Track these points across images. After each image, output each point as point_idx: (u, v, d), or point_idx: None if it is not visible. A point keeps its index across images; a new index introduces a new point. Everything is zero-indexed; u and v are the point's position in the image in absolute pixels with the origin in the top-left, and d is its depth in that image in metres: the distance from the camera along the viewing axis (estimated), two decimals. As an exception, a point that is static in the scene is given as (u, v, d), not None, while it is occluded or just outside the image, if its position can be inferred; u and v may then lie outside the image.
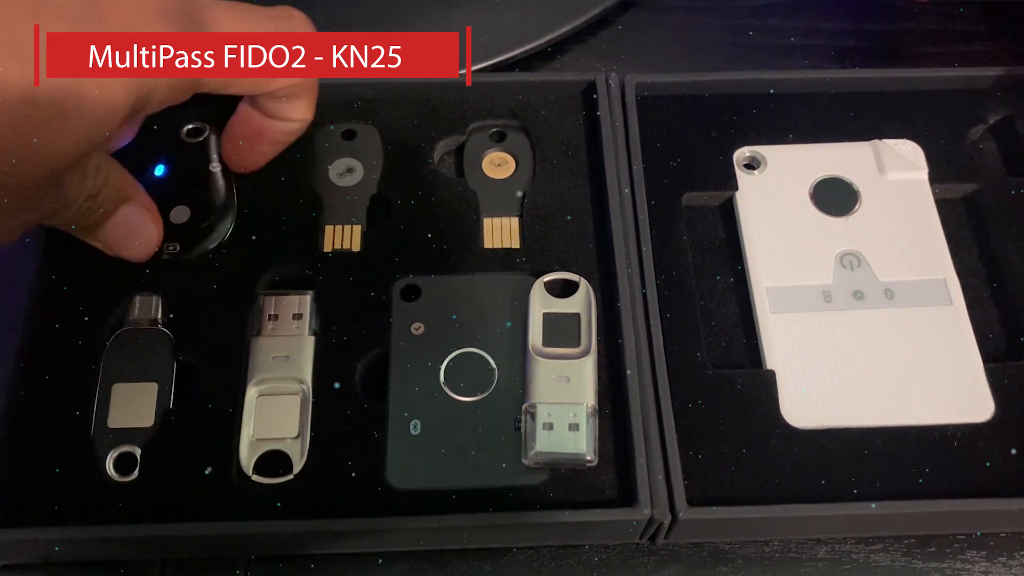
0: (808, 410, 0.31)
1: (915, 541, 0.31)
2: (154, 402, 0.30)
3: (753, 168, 0.36)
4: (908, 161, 0.36)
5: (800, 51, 0.43)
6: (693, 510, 0.28)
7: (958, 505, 0.29)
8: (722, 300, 0.34)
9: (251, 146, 0.34)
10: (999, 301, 0.34)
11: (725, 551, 0.31)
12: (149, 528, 0.28)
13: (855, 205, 0.35)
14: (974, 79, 0.38)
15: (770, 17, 0.44)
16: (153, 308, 0.32)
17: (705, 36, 0.44)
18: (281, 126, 0.33)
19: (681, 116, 0.37)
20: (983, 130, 0.37)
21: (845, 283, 0.33)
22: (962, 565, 0.31)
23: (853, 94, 0.38)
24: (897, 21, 0.44)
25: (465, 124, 0.37)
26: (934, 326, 0.32)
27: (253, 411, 0.30)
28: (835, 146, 0.36)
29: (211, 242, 0.33)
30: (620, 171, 0.34)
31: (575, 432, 0.29)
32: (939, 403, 0.31)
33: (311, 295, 0.32)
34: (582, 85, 0.37)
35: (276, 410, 0.30)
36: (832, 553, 0.31)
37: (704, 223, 0.36)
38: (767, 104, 0.37)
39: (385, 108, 0.37)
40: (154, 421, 0.30)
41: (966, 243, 0.35)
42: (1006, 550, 0.31)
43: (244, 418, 0.30)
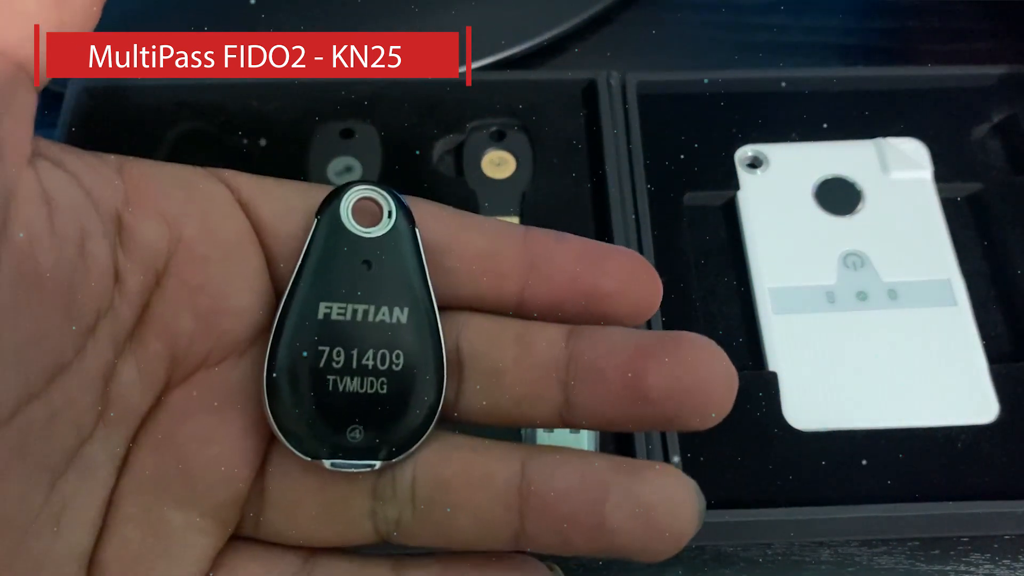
0: (811, 412, 0.30)
1: (919, 543, 0.31)
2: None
3: (755, 167, 0.36)
4: (912, 160, 0.35)
5: (803, 49, 0.43)
6: (694, 513, 0.28)
7: (962, 507, 0.29)
8: (724, 301, 0.33)
9: None
10: (1004, 301, 0.33)
11: (727, 554, 0.31)
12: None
13: (858, 204, 0.34)
14: (979, 77, 0.38)
15: (773, 15, 0.44)
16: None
17: (707, 34, 0.43)
18: None
19: (682, 115, 0.37)
20: (988, 128, 0.37)
21: (848, 284, 0.33)
22: (966, 568, 0.30)
23: (856, 92, 0.37)
24: (901, 19, 0.44)
25: (464, 123, 0.37)
26: (938, 327, 0.32)
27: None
28: (838, 145, 0.36)
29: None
30: (621, 170, 0.34)
31: (576, 433, 0.29)
32: (943, 404, 0.30)
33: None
34: (583, 83, 0.37)
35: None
36: (835, 556, 0.31)
37: (706, 223, 0.35)
38: (769, 103, 0.37)
39: (384, 107, 0.37)
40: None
41: (971, 243, 0.35)
42: (1010, 552, 0.31)
43: None
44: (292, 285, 0.19)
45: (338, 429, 0.19)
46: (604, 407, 0.19)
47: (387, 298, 0.19)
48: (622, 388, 0.18)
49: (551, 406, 0.19)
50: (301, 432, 0.19)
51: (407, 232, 0.19)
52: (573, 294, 0.19)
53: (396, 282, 0.19)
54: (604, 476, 0.18)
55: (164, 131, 0.36)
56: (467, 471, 0.19)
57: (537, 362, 0.19)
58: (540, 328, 0.20)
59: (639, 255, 0.20)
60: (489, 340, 0.20)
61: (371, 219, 0.19)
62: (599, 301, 0.19)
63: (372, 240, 0.19)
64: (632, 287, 0.20)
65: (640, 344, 0.19)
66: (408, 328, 0.19)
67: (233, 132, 0.36)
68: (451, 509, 0.19)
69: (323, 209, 0.19)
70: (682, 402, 0.18)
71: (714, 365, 0.18)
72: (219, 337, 0.19)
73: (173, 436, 0.19)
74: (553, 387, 0.19)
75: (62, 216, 0.17)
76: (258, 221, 0.20)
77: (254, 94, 0.37)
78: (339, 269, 0.19)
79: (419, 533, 0.19)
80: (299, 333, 0.19)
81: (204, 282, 0.19)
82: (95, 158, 0.19)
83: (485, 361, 0.20)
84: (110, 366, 0.18)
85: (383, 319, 0.19)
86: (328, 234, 0.19)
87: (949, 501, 0.29)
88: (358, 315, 0.19)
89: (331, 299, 0.19)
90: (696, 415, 0.18)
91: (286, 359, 0.18)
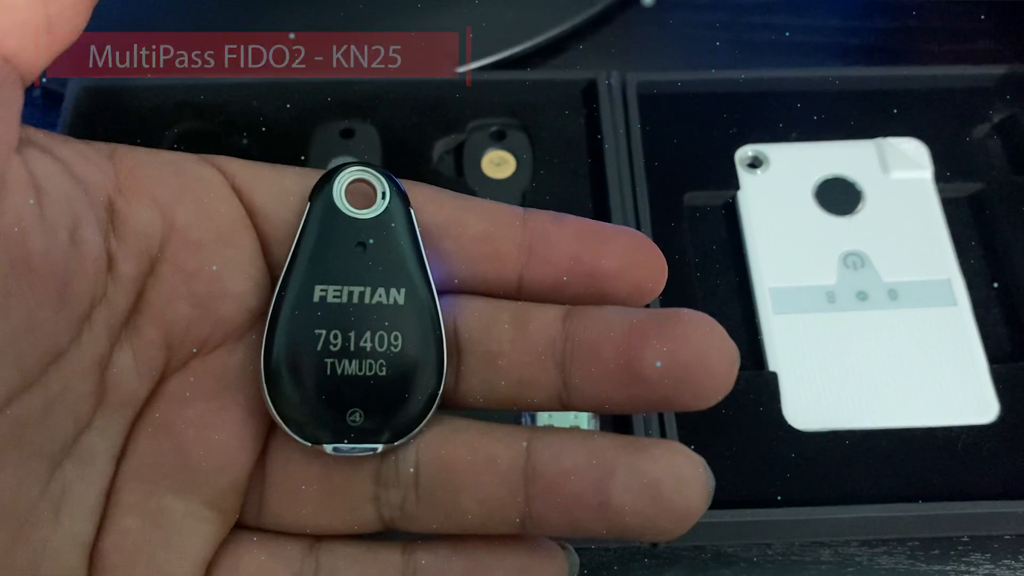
0: (811, 412, 0.30)
1: (919, 543, 0.31)
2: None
3: (756, 167, 0.36)
4: (912, 160, 0.35)
5: (803, 49, 0.43)
6: (695, 513, 0.28)
7: (962, 507, 0.29)
8: (724, 301, 0.33)
9: None
10: (1004, 301, 0.33)
11: (728, 554, 0.31)
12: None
13: (859, 204, 0.34)
14: (979, 77, 0.38)
15: (773, 14, 0.44)
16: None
17: (707, 34, 0.43)
18: None
19: (683, 115, 0.37)
20: (988, 128, 0.37)
21: (848, 283, 0.33)
22: (966, 568, 0.30)
23: (857, 92, 0.37)
24: (901, 18, 0.44)
25: (464, 123, 0.37)
26: (939, 327, 0.32)
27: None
28: (838, 145, 0.36)
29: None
30: (621, 170, 0.34)
31: (576, 419, 0.29)
32: (943, 405, 0.30)
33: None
34: (583, 83, 0.37)
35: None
36: (835, 556, 0.30)
37: (706, 223, 0.35)
38: (770, 102, 0.37)
39: (384, 107, 0.37)
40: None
41: (971, 243, 0.35)
42: (1010, 552, 0.31)
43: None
44: (287, 269, 0.19)
45: (338, 413, 0.18)
46: (601, 388, 0.18)
47: (383, 279, 0.19)
48: (617, 368, 0.18)
49: (550, 389, 0.19)
50: (301, 417, 0.18)
51: (402, 213, 0.19)
52: (574, 275, 0.19)
53: (392, 263, 0.19)
54: (610, 454, 0.18)
55: (164, 131, 0.36)
56: (471, 453, 0.19)
57: (533, 344, 0.19)
58: (537, 309, 0.19)
59: (641, 234, 0.19)
60: (486, 323, 0.19)
61: (365, 201, 0.19)
62: (600, 281, 0.19)
63: (366, 221, 0.19)
64: (634, 266, 0.19)
65: (635, 322, 0.18)
66: (406, 309, 0.19)
67: (233, 132, 0.36)
68: (456, 492, 0.18)
69: (316, 192, 0.19)
70: (680, 381, 0.18)
71: (712, 341, 0.18)
72: (215, 323, 0.19)
73: (171, 424, 0.19)
74: (550, 369, 0.19)
75: (53, 204, 0.17)
76: (252, 206, 0.19)
77: (254, 94, 0.37)
78: (334, 251, 0.19)
79: (423, 517, 0.19)
80: (296, 317, 0.18)
81: (199, 267, 0.19)
82: (85, 145, 0.19)
83: (483, 344, 0.19)
84: (106, 354, 0.18)
85: (380, 300, 0.19)
86: (322, 217, 0.19)
87: (949, 501, 0.29)
88: (354, 297, 0.19)
89: (327, 282, 0.18)
90: (695, 394, 0.18)
91: (283, 344, 0.18)
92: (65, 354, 0.17)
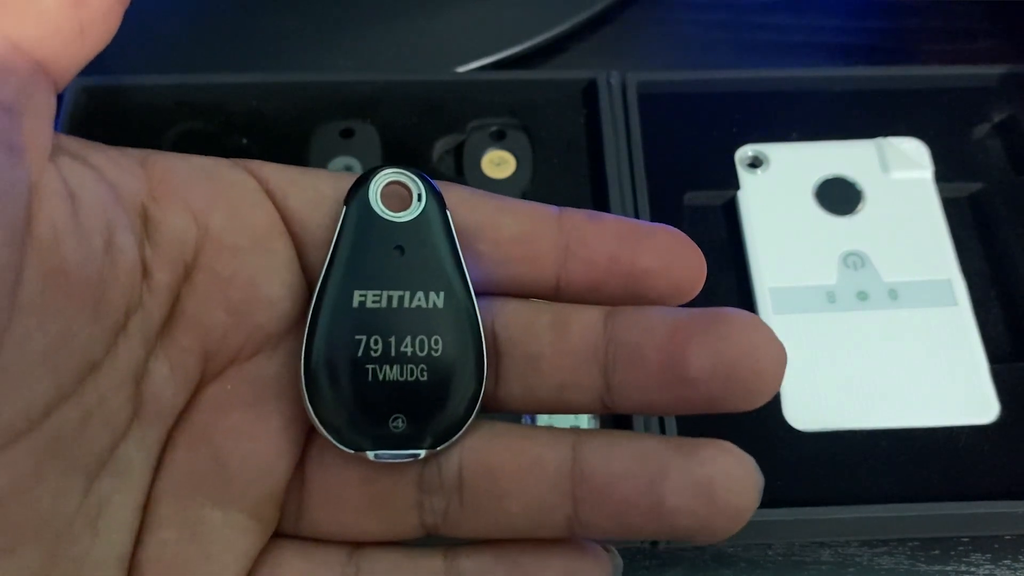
0: (811, 412, 0.30)
1: (919, 544, 0.31)
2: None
3: (756, 167, 0.36)
4: (912, 160, 0.35)
5: (803, 48, 0.43)
6: (695, 513, 0.28)
7: (962, 508, 0.29)
8: (724, 301, 0.33)
9: None
10: (1004, 301, 0.33)
11: (728, 554, 0.31)
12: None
13: (859, 204, 0.34)
14: (979, 77, 0.38)
15: (773, 14, 0.44)
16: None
17: (707, 33, 0.43)
18: None
19: (683, 114, 0.37)
20: (988, 128, 0.37)
21: (849, 284, 0.33)
22: (966, 568, 0.30)
23: (857, 92, 0.37)
24: (901, 18, 0.44)
25: (464, 122, 0.37)
26: (939, 327, 0.32)
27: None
28: (839, 144, 0.36)
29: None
30: (621, 170, 0.34)
31: (576, 420, 0.29)
32: (943, 405, 0.30)
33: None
34: (583, 83, 0.37)
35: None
36: (836, 556, 0.30)
37: (706, 222, 0.35)
38: (770, 102, 0.37)
39: (384, 107, 0.37)
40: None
41: (971, 243, 0.35)
42: (1010, 553, 0.31)
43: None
44: (324, 274, 0.18)
45: (380, 419, 0.18)
46: (645, 390, 0.18)
47: (422, 283, 0.18)
48: (662, 369, 0.18)
49: (592, 392, 0.18)
50: (343, 424, 0.18)
51: (438, 215, 0.19)
52: (612, 275, 0.19)
53: (430, 266, 0.19)
54: (661, 456, 0.18)
55: (163, 131, 0.36)
56: (516, 457, 0.18)
57: (575, 347, 0.18)
58: (576, 311, 0.19)
59: (679, 231, 0.19)
60: (525, 326, 0.19)
61: (401, 203, 0.19)
62: (639, 280, 0.19)
63: (403, 224, 0.19)
64: (673, 264, 0.19)
65: (679, 322, 0.18)
66: (445, 312, 0.18)
67: (233, 132, 0.36)
68: (501, 496, 0.18)
69: (352, 195, 0.19)
70: (727, 381, 0.17)
71: (760, 340, 0.17)
72: (252, 330, 0.19)
73: (209, 433, 0.18)
74: (593, 372, 0.18)
75: (87, 212, 0.17)
76: (286, 210, 0.19)
77: (254, 94, 0.37)
78: (371, 256, 0.18)
79: (467, 523, 0.19)
80: (335, 323, 0.18)
81: (234, 274, 0.18)
82: (118, 152, 0.18)
83: (522, 348, 0.19)
84: (142, 363, 0.18)
85: (419, 304, 0.18)
86: (358, 220, 0.18)
87: (949, 501, 0.29)
88: (393, 302, 0.18)
89: (365, 286, 0.18)
90: (743, 395, 0.17)
91: (323, 350, 0.18)
92: (101, 365, 0.17)
